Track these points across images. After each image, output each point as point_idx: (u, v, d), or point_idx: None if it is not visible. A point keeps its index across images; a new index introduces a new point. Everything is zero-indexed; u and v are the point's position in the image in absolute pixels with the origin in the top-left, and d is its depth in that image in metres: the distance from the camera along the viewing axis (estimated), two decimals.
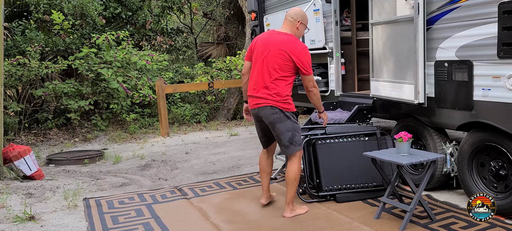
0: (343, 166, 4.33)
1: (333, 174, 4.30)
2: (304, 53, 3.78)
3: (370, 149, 4.27)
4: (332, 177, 4.29)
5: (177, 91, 9.75)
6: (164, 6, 11.01)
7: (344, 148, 4.41)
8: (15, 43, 8.44)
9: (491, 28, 3.52)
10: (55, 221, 4.07)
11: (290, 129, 3.80)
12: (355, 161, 4.32)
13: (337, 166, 4.32)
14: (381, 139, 4.48)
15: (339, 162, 4.34)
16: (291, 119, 3.81)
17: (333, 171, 4.31)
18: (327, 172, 4.31)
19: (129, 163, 6.48)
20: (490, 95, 3.62)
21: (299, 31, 3.95)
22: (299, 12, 3.98)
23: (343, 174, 4.32)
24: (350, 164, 4.34)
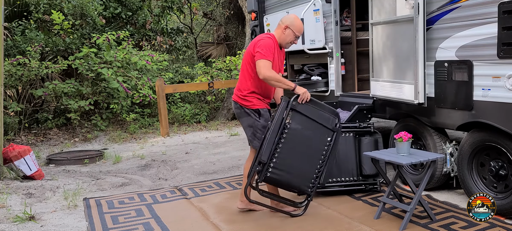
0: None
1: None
2: (261, 40, 3.77)
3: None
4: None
5: (177, 91, 9.75)
6: (164, 6, 11.01)
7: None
8: (15, 43, 8.44)
9: (491, 28, 3.52)
10: (55, 221, 4.07)
11: (251, 125, 3.91)
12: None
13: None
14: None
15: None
16: (251, 116, 3.88)
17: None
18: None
19: (129, 163, 6.48)
20: (490, 95, 3.62)
21: (285, 36, 3.86)
22: (290, 17, 3.93)
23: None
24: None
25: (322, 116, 3.79)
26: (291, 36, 3.87)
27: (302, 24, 3.93)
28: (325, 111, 3.82)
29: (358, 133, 4.61)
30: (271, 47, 3.74)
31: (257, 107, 3.88)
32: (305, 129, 3.74)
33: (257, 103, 3.89)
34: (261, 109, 3.90)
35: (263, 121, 3.88)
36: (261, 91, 3.90)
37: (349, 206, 4.15)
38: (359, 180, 4.52)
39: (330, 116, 3.81)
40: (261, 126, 3.87)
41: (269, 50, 3.71)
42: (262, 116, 3.89)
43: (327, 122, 3.78)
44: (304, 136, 3.74)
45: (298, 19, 3.94)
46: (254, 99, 3.88)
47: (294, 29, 3.85)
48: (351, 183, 4.48)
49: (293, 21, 3.88)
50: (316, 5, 5.60)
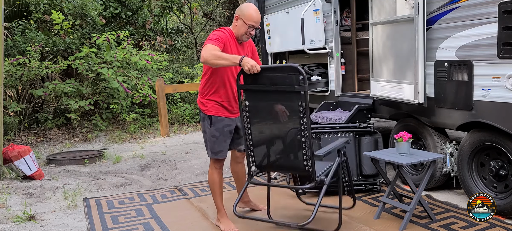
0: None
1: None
2: (211, 33, 3.50)
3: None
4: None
5: (177, 91, 9.75)
6: (164, 6, 11.01)
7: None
8: (15, 43, 8.44)
9: (491, 28, 3.52)
10: (55, 221, 4.07)
11: (204, 130, 3.69)
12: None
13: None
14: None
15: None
16: (205, 121, 3.63)
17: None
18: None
19: (129, 163, 6.48)
20: (490, 95, 3.62)
21: (238, 28, 3.53)
22: (242, 6, 3.56)
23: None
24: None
25: (280, 79, 3.11)
26: (243, 27, 3.51)
27: (255, 13, 3.52)
28: (283, 72, 3.11)
29: (358, 133, 4.62)
30: (220, 37, 3.41)
31: (210, 113, 3.57)
32: (265, 102, 3.23)
33: (212, 109, 3.57)
34: (214, 116, 3.57)
35: (214, 130, 3.57)
36: (218, 91, 3.56)
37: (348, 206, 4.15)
38: (359, 180, 4.53)
39: (289, 74, 3.04)
40: (210, 135, 3.60)
41: (217, 39, 3.37)
42: (213, 124, 3.57)
43: (287, 84, 3.05)
44: (267, 110, 3.24)
45: (251, 7, 3.54)
46: (209, 103, 3.59)
47: (245, 18, 3.49)
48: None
49: (243, 10, 3.52)
50: (316, 5, 5.60)
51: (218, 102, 3.58)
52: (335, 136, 4.56)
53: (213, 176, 3.74)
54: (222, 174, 3.78)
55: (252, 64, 3.14)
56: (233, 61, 3.21)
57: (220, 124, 3.58)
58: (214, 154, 3.65)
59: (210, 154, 3.68)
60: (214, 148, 3.63)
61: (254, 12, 3.52)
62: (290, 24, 6.15)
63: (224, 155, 3.67)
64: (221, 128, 3.58)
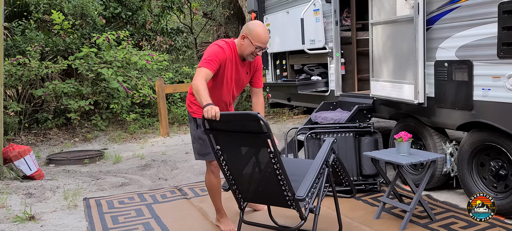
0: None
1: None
2: (211, 47, 3.36)
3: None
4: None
5: (177, 91, 9.75)
6: (164, 6, 11.01)
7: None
8: (15, 43, 8.44)
9: (491, 28, 3.52)
10: (55, 221, 4.07)
11: (193, 135, 3.62)
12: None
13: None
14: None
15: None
16: (192, 123, 3.59)
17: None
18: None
19: (129, 163, 6.48)
20: (490, 95, 3.62)
21: (244, 47, 3.33)
22: (250, 24, 3.35)
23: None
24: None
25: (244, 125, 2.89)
26: (250, 47, 3.30)
27: (263, 33, 3.28)
28: (245, 120, 2.89)
29: (358, 133, 4.62)
30: (217, 56, 3.26)
31: (196, 116, 3.52)
32: (235, 145, 3.02)
33: (198, 112, 3.49)
34: (199, 119, 3.49)
35: (200, 133, 3.49)
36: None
37: (349, 206, 4.15)
38: (359, 180, 4.53)
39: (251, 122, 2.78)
40: (198, 137, 3.55)
41: (212, 59, 3.24)
42: (199, 127, 3.50)
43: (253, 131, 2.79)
44: (240, 153, 3.04)
45: (260, 26, 3.31)
46: (194, 105, 3.53)
47: (252, 38, 3.27)
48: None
49: (252, 30, 3.29)
50: (316, 5, 5.60)
51: (200, 108, 3.40)
52: (335, 136, 4.55)
53: (210, 179, 3.70)
54: (219, 175, 3.72)
55: (209, 108, 2.85)
56: (202, 102, 2.99)
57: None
58: (201, 156, 3.61)
59: (197, 156, 3.65)
60: (201, 150, 3.59)
61: (262, 32, 3.29)
62: (290, 24, 6.15)
63: (212, 157, 3.50)
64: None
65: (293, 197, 2.89)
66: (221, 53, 3.32)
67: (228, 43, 3.41)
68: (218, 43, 3.39)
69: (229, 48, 3.38)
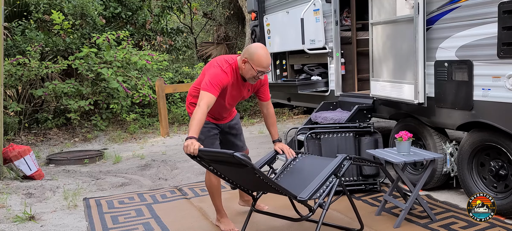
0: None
1: None
2: (213, 69, 3.31)
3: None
4: None
5: (177, 91, 9.75)
6: (164, 6, 11.01)
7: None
8: (15, 43, 8.44)
9: (491, 28, 3.52)
10: (55, 221, 4.07)
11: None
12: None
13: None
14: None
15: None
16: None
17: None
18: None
19: (129, 163, 6.48)
20: (490, 95, 3.62)
21: (245, 71, 3.29)
22: (251, 48, 3.28)
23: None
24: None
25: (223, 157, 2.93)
26: (251, 71, 3.26)
27: (265, 57, 3.22)
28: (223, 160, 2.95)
29: (358, 133, 4.62)
30: (221, 81, 3.24)
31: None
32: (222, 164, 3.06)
33: (191, 112, 3.50)
34: None
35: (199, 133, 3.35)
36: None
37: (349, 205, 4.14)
38: (359, 180, 4.53)
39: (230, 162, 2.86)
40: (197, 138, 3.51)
41: (217, 84, 3.21)
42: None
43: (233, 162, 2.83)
44: (230, 171, 3.11)
45: (262, 50, 3.24)
46: (193, 107, 3.44)
47: (253, 63, 3.22)
48: (351, 183, 4.49)
49: (252, 54, 3.22)
50: (316, 5, 5.60)
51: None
52: (335, 136, 4.56)
53: (210, 179, 3.68)
54: (219, 178, 3.69)
55: (187, 145, 2.94)
56: (188, 133, 3.05)
57: (205, 128, 3.44)
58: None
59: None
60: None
61: (263, 57, 3.22)
62: (290, 24, 6.15)
63: None
64: (206, 131, 3.49)
65: (296, 199, 2.94)
66: (224, 79, 3.28)
67: (230, 66, 3.34)
68: (221, 65, 3.32)
69: (231, 71, 3.33)
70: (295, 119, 9.86)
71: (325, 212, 3.10)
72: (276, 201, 4.31)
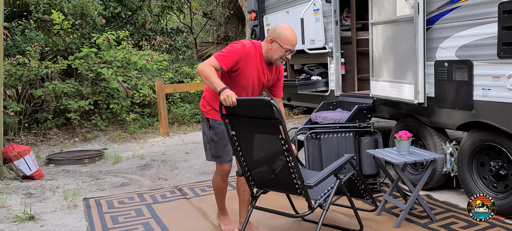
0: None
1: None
2: (232, 44, 3.27)
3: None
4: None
5: (177, 91, 9.75)
6: (164, 6, 11.01)
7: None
8: (15, 43, 8.44)
9: (491, 28, 3.52)
10: (55, 221, 4.07)
11: (204, 132, 3.51)
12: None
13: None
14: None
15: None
16: (204, 123, 3.47)
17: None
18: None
19: (129, 163, 6.48)
20: (490, 95, 3.62)
21: (272, 51, 3.22)
22: (278, 27, 3.27)
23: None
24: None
25: (257, 110, 2.96)
26: (279, 50, 3.21)
27: (292, 35, 3.22)
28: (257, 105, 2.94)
29: (358, 132, 4.62)
30: (235, 52, 3.17)
31: (209, 117, 3.40)
32: (248, 131, 3.09)
33: (211, 112, 3.40)
34: (212, 120, 3.39)
35: (212, 134, 3.41)
36: (217, 100, 3.24)
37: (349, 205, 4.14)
38: None
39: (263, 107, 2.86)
40: (209, 139, 3.44)
41: (230, 55, 3.16)
42: (212, 128, 3.41)
43: (265, 117, 2.87)
44: (253, 139, 3.12)
45: (288, 29, 3.24)
46: (209, 105, 3.42)
47: (281, 42, 3.18)
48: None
49: (280, 33, 3.20)
50: (316, 5, 5.60)
51: (214, 109, 3.37)
52: (335, 136, 4.56)
53: (218, 181, 3.61)
54: (227, 180, 3.64)
55: (226, 96, 2.90)
56: (215, 87, 3.00)
57: (218, 128, 3.39)
58: (214, 158, 3.50)
59: (209, 157, 3.53)
60: (214, 152, 3.48)
61: (291, 35, 3.21)
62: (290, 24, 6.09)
63: (224, 161, 3.48)
64: (220, 132, 3.39)
65: (303, 185, 2.94)
66: (240, 50, 3.21)
67: (253, 43, 3.30)
68: (242, 41, 3.30)
69: (254, 47, 3.27)
70: (295, 118, 9.86)
71: (325, 212, 3.09)
72: (275, 201, 4.31)
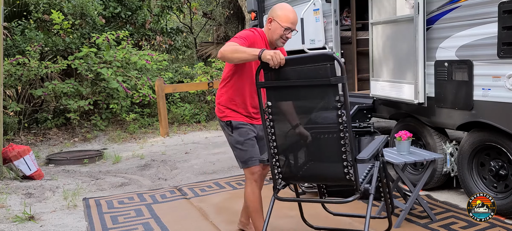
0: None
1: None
2: (241, 31, 3.10)
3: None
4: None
5: (177, 91, 9.75)
6: (164, 6, 11.01)
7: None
8: (15, 43, 8.43)
9: (491, 28, 3.52)
10: (54, 221, 4.07)
11: (230, 142, 3.26)
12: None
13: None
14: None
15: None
16: (225, 129, 3.25)
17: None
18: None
19: (129, 163, 6.48)
20: (490, 95, 3.62)
21: (272, 31, 3.06)
22: (274, 7, 3.11)
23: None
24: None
25: (310, 71, 2.49)
26: (278, 29, 3.03)
27: (291, 13, 3.05)
28: (314, 63, 2.47)
29: (358, 132, 4.60)
30: (247, 36, 2.98)
31: (229, 119, 3.18)
32: (291, 100, 2.65)
33: (230, 114, 3.19)
34: (234, 121, 3.17)
35: (237, 136, 3.17)
36: (234, 96, 3.16)
37: (349, 205, 4.13)
38: None
39: (322, 64, 2.43)
40: (235, 142, 3.19)
41: (243, 38, 2.94)
42: (235, 130, 3.17)
43: (320, 76, 2.44)
44: (294, 110, 2.66)
45: (287, 6, 3.08)
46: (226, 109, 3.21)
47: (280, 20, 3.01)
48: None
49: (277, 10, 3.05)
50: (316, 4, 5.59)
51: (234, 106, 3.19)
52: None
53: (253, 191, 3.22)
54: (260, 187, 3.28)
55: (272, 55, 2.52)
56: (252, 53, 2.68)
57: (243, 129, 3.17)
58: (244, 164, 3.21)
59: (240, 164, 3.25)
60: (242, 156, 3.20)
61: (289, 12, 3.03)
62: None
63: (255, 162, 3.18)
64: (244, 132, 3.17)
65: (354, 160, 2.49)
66: (250, 34, 3.02)
67: (257, 30, 3.13)
68: (248, 29, 3.15)
69: (258, 33, 3.10)
70: None
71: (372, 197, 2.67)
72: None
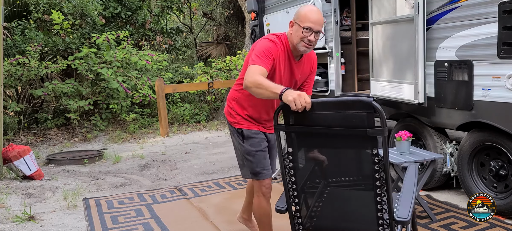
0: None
1: None
2: (260, 42, 2.79)
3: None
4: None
5: (177, 91, 9.75)
6: (164, 6, 11.01)
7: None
8: (15, 43, 8.43)
9: (491, 28, 3.52)
10: (54, 221, 4.06)
11: (236, 146, 3.06)
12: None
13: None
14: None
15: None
16: (235, 135, 3.02)
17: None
18: None
19: (129, 163, 6.48)
20: (490, 95, 3.62)
21: (293, 35, 2.75)
22: (298, 9, 2.83)
23: None
24: None
25: (343, 118, 2.08)
26: (298, 31, 2.71)
27: (311, 12, 2.72)
28: (349, 109, 2.06)
29: None
30: (269, 51, 2.70)
31: (241, 127, 2.97)
32: (318, 148, 2.26)
33: (242, 121, 2.97)
34: (246, 130, 2.95)
35: (249, 146, 2.95)
36: (248, 107, 2.95)
37: None
38: None
39: (358, 113, 2.03)
40: (245, 152, 2.97)
41: (266, 55, 2.67)
42: (247, 140, 2.96)
43: (355, 126, 2.05)
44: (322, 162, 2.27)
45: (309, 6, 2.80)
46: (237, 115, 2.99)
47: (300, 20, 2.71)
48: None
49: (299, 11, 2.76)
50: (316, 4, 5.59)
51: (247, 116, 2.98)
52: None
53: (261, 204, 3.03)
54: (268, 199, 3.05)
55: (296, 97, 2.14)
56: (274, 92, 2.34)
57: (255, 139, 2.95)
58: (254, 175, 2.99)
59: (248, 174, 3.04)
60: (252, 168, 2.98)
61: (310, 12, 2.71)
62: None
63: (267, 175, 2.99)
64: (255, 143, 2.95)
65: (391, 220, 2.14)
66: (273, 48, 2.74)
67: (279, 37, 2.83)
68: (268, 37, 2.83)
69: (281, 42, 2.80)
70: None
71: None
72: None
